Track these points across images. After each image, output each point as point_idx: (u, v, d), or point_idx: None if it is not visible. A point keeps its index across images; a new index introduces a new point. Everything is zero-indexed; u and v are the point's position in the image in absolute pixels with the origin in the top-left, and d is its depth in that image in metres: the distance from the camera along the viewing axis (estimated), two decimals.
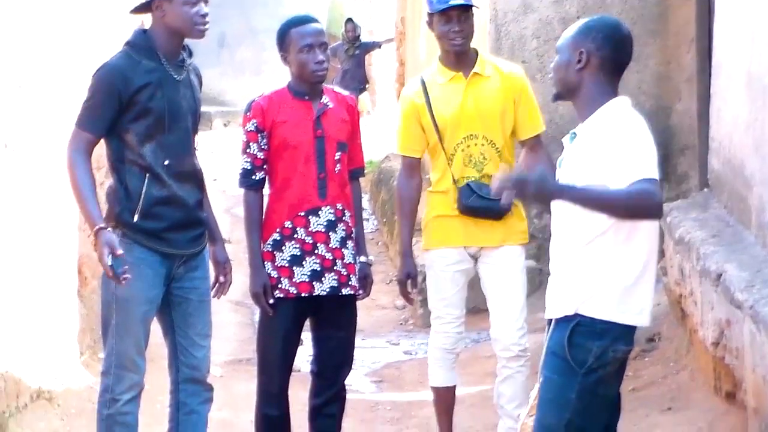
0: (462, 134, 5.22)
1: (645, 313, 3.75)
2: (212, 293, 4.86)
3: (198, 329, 4.76)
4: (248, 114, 5.06)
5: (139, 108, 4.53)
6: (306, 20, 5.06)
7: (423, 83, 5.31)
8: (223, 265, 4.88)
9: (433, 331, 5.41)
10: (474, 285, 5.45)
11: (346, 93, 5.25)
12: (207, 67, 5.05)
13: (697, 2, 7.60)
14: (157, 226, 4.58)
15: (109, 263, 4.36)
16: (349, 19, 17.02)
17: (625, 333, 3.72)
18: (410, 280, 5.36)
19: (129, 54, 4.60)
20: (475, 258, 5.31)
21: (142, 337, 4.63)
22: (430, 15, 5.24)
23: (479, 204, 5.18)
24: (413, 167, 5.40)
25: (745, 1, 5.46)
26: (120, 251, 4.38)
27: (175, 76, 4.62)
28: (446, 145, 5.23)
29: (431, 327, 5.43)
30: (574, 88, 3.82)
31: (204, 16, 4.59)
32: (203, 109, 5.02)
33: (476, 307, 6.68)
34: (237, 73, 21.93)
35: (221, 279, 4.88)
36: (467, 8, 5.20)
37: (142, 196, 4.56)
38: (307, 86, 5.04)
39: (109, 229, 4.43)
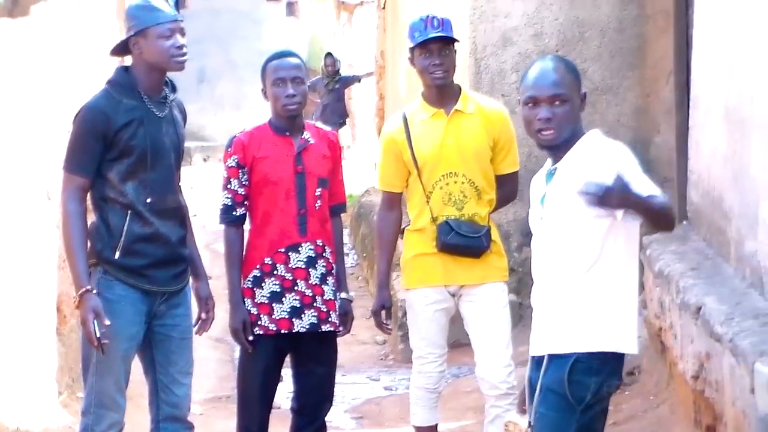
0: (441, 172, 5.19)
1: (636, 340, 3.78)
2: (194, 330, 4.83)
3: (179, 367, 4.73)
4: (229, 150, 5.07)
5: (121, 147, 4.52)
6: (283, 55, 5.09)
7: (404, 119, 5.28)
8: (206, 302, 4.86)
9: (414, 371, 5.35)
10: (454, 320, 5.43)
11: (328, 128, 5.26)
12: (187, 103, 5.03)
13: (675, 35, 7.63)
14: (138, 263, 4.56)
15: (95, 332, 4.36)
16: (329, 54, 17.06)
17: (617, 366, 3.74)
18: (385, 311, 5.33)
19: (110, 93, 4.59)
20: (455, 296, 5.27)
21: (122, 376, 4.60)
22: (411, 50, 5.23)
23: (458, 242, 5.15)
24: (393, 201, 5.40)
25: (722, 34, 5.49)
26: (107, 321, 4.38)
27: (157, 113, 4.61)
28: (425, 182, 5.20)
29: (413, 366, 5.38)
30: (573, 130, 3.77)
31: (180, 47, 4.57)
32: None
33: (457, 341, 6.66)
34: (217, 108, 21.99)
35: (203, 316, 4.86)
36: (448, 42, 5.19)
37: (124, 233, 4.54)
38: (286, 121, 5.04)
39: (95, 292, 4.43)
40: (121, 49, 4.68)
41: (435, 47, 5.16)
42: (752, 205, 4.81)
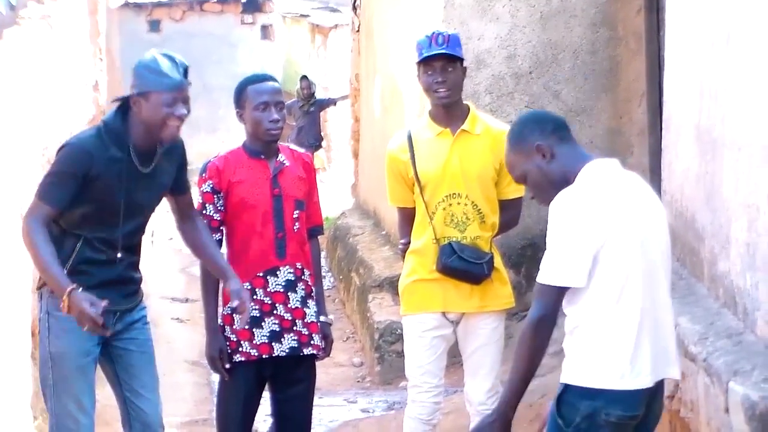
0: (444, 192, 5.08)
1: (644, 374, 3.70)
2: (236, 323, 4.77)
3: (143, 381, 4.69)
4: (204, 175, 5.02)
5: (93, 192, 4.46)
6: (263, 78, 5.03)
7: (409, 137, 5.18)
8: (239, 294, 4.67)
9: (409, 400, 5.23)
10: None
11: (302, 150, 5.23)
12: None
13: (647, 57, 7.68)
14: (86, 282, 4.49)
15: (99, 314, 4.29)
16: (304, 77, 17.11)
17: (623, 397, 3.66)
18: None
19: (101, 135, 4.51)
20: (454, 323, 5.17)
21: (82, 393, 4.55)
22: (417, 66, 5.13)
23: (459, 266, 5.03)
24: (407, 217, 5.23)
25: (693, 55, 5.53)
26: (104, 302, 4.31)
27: (141, 169, 4.55)
28: (427, 201, 5.09)
29: (408, 396, 5.25)
30: (562, 178, 3.81)
31: (179, 117, 4.47)
32: None
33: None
34: (192, 131, 21.87)
35: (239, 308, 4.67)
36: (453, 59, 5.07)
37: (74, 254, 4.51)
38: (262, 145, 5.01)
39: (81, 289, 4.37)
40: (122, 98, 4.58)
41: (438, 64, 5.05)
42: (724, 225, 4.83)
